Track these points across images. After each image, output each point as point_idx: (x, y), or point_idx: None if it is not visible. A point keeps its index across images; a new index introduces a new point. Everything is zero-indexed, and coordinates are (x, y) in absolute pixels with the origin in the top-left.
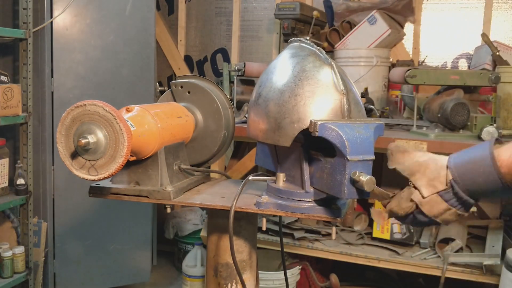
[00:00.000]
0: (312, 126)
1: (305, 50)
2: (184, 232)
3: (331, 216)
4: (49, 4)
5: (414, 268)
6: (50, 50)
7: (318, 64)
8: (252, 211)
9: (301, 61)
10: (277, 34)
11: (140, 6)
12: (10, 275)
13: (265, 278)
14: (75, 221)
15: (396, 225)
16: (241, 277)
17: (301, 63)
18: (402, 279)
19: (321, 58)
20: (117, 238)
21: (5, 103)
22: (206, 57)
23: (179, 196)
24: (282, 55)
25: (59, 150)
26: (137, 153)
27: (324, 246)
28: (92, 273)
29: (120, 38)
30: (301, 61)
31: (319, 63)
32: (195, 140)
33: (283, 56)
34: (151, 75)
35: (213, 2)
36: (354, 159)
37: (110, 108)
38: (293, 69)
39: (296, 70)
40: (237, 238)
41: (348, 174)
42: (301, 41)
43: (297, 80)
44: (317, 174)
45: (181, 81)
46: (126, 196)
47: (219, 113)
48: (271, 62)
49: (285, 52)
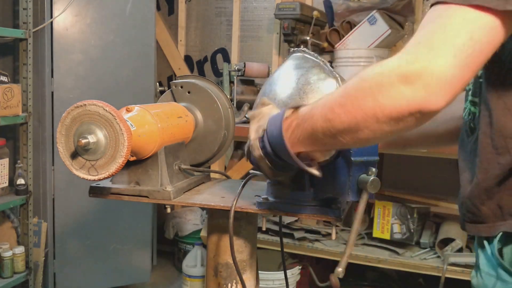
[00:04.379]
0: None
1: (309, 62)
2: (184, 232)
3: (331, 216)
4: (49, 4)
5: (414, 268)
6: (50, 50)
7: (322, 77)
8: (252, 211)
9: (306, 73)
10: (277, 34)
11: (140, 6)
12: (10, 275)
13: (265, 278)
14: (75, 221)
15: (396, 225)
16: (241, 277)
17: (306, 75)
18: (402, 279)
19: (325, 70)
20: (117, 238)
21: (5, 103)
22: (206, 57)
23: (179, 196)
24: (285, 66)
25: (59, 150)
26: (137, 153)
27: (324, 246)
28: (92, 273)
29: (120, 38)
30: (306, 73)
31: (323, 75)
32: (195, 140)
33: (286, 67)
34: (151, 75)
35: (213, 2)
36: (358, 161)
37: (110, 108)
38: (298, 82)
39: (301, 82)
40: (237, 238)
41: (352, 176)
42: (305, 52)
43: (302, 93)
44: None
45: (181, 81)
46: (126, 196)
47: (219, 113)
48: (274, 72)
49: (288, 63)
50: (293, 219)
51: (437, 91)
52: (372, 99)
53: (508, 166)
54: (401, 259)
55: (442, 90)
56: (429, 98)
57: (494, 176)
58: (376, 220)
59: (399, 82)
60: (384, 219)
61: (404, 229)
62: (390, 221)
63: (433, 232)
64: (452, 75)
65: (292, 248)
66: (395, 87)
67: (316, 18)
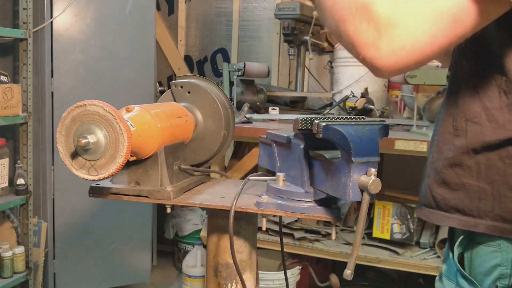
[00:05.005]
0: (315, 127)
1: None
2: (184, 232)
3: (331, 216)
4: (49, 4)
5: (414, 268)
6: (50, 50)
7: None
8: (252, 211)
9: None
10: (277, 34)
11: (140, 6)
12: (10, 275)
13: (265, 278)
14: (75, 221)
15: (396, 225)
16: (241, 277)
17: None
18: (402, 279)
19: None
20: (117, 238)
21: (5, 103)
22: (206, 57)
23: (179, 196)
24: None
25: (59, 150)
26: (137, 153)
27: (324, 246)
28: (92, 273)
29: (120, 38)
30: None
31: None
32: (195, 140)
33: None
34: (151, 75)
35: (213, 2)
36: (358, 161)
37: (110, 108)
38: None
39: None
40: (237, 238)
41: (353, 176)
42: None
43: None
44: (321, 175)
45: (181, 81)
46: (126, 196)
47: (219, 113)
48: None
49: None
50: (293, 219)
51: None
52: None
53: (461, 149)
54: (401, 259)
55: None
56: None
57: (445, 157)
58: (376, 220)
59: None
60: (384, 219)
61: (404, 229)
62: (390, 221)
63: (433, 232)
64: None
65: (292, 248)
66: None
67: (316, 18)
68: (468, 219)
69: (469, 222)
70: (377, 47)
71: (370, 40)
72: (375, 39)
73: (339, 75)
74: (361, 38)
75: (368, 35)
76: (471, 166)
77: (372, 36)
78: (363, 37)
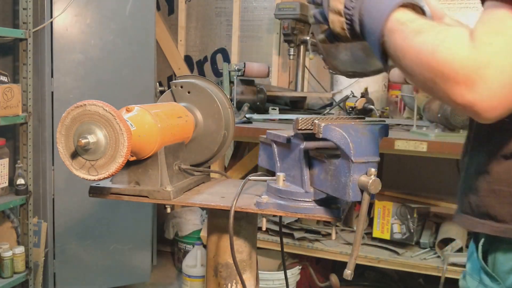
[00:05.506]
0: (316, 128)
1: None
2: (184, 232)
3: (331, 216)
4: (49, 4)
5: (414, 268)
6: (50, 50)
7: None
8: (252, 211)
9: None
10: (277, 34)
11: (140, 6)
12: (10, 275)
13: (265, 278)
14: (75, 221)
15: (396, 225)
16: (241, 277)
17: None
18: (402, 279)
19: None
20: (117, 238)
21: (5, 103)
22: (206, 57)
23: (179, 196)
24: None
25: (59, 150)
26: (137, 153)
27: (324, 246)
28: (92, 273)
29: (120, 38)
30: None
31: None
32: (195, 140)
33: None
34: (151, 75)
35: (213, 2)
36: (358, 161)
37: (110, 108)
38: None
39: None
40: (237, 238)
41: (353, 176)
42: None
43: None
44: (321, 175)
45: (181, 81)
46: (126, 196)
47: (219, 113)
48: None
49: None
50: (293, 219)
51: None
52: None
53: (491, 155)
54: (401, 259)
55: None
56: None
57: (477, 163)
58: (376, 220)
59: (459, 81)
60: (384, 219)
61: (404, 229)
62: (390, 221)
63: (433, 232)
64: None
65: (292, 248)
66: (455, 84)
67: None
68: (500, 225)
69: (500, 228)
70: (476, 97)
71: (467, 98)
72: (470, 92)
73: (339, 75)
74: (456, 98)
75: (461, 92)
76: (500, 172)
77: (465, 91)
78: (457, 97)
